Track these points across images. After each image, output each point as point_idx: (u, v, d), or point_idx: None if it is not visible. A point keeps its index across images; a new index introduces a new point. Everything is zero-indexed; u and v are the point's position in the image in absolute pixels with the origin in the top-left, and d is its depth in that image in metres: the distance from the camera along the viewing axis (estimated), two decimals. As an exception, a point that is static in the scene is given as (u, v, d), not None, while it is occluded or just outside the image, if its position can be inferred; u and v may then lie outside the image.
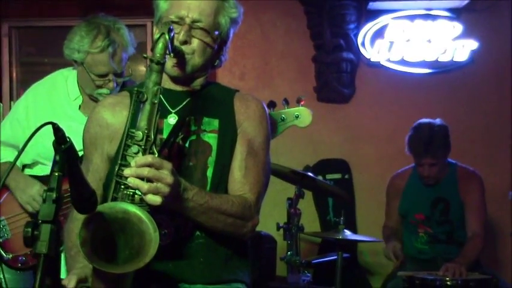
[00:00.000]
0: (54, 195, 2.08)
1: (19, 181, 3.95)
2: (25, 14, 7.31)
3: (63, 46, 4.06)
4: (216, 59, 2.92)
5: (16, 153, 3.98)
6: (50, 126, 2.07)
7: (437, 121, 5.31)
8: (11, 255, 3.95)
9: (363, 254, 6.69)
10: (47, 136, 2.17)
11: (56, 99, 4.04)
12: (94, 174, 2.80)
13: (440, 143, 5.22)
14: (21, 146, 3.87)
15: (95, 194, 2.29)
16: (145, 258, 2.26)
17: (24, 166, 4.07)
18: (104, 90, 3.83)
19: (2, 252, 4.00)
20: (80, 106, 4.05)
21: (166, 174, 2.42)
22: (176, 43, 2.66)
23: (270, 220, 3.17)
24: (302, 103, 3.98)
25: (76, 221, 2.73)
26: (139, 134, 2.47)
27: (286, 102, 4.03)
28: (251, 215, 2.79)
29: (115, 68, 3.84)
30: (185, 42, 2.73)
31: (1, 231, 3.98)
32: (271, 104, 3.92)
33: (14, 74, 7.51)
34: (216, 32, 2.82)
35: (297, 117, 3.96)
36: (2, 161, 4.09)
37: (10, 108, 7.42)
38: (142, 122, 2.48)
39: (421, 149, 5.22)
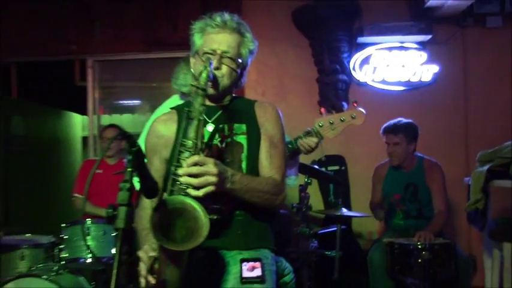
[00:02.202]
0: (128, 185, 2.11)
1: None
2: (103, 51, 7.39)
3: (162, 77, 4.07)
4: (238, 81, 2.93)
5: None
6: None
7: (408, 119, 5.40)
8: None
9: (356, 226, 6.68)
10: None
11: None
12: (155, 174, 2.75)
13: (401, 127, 5.29)
14: None
15: (157, 184, 2.34)
16: (200, 239, 2.29)
17: None
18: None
19: None
20: None
21: (210, 167, 2.44)
22: None
23: (286, 202, 3.19)
24: (355, 105, 3.95)
25: (144, 209, 2.79)
26: (189, 143, 2.49)
27: (353, 102, 4.02)
28: (280, 190, 2.81)
29: None
30: (217, 68, 2.76)
31: None
32: (333, 108, 3.88)
33: (96, 95, 7.57)
34: (239, 60, 2.85)
35: (353, 117, 3.93)
36: None
37: (93, 121, 7.53)
38: (192, 133, 2.50)
39: (387, 128, 5.34)
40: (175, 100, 4.23)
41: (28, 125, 8.70)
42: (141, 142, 4.16)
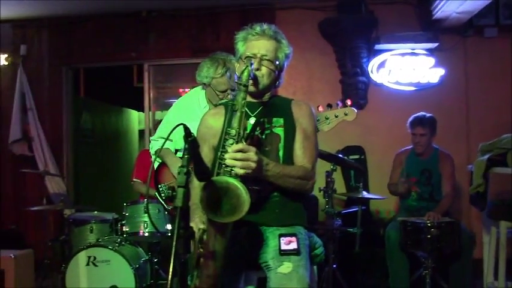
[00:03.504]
0: (185, 169, 2.11)
1: (172, 160, 3.95)
2: (157, 57, 7.42)
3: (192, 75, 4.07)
4: (276, 81, 2.91)
5: (172, 144, 4.02)
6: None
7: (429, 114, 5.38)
8: (170, 207, 3.98)
9: (374, 206, 6.64)
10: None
11: (191, 107, 4.04)
12: (204, 159, 2.76)
13: (427, 121, 5.26)
14: (174, 139, 3.91)
15: (208, 169, 2.33)
16: (241, 213, 2.29)
17: (177, 150, 4.06)
18: (224, 101, 3.81)
19: (165, 205, 4.04)
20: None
21: (252, 155, 2.47)
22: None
23: (314, 185, 3.18)
24: (349, 104, 3.90)
25: (194, 188, 2.75)
26: (233, 131, 2.52)
27: (342, 104, 3.96)
28: (310, 176, 2.80)
29: (231, 86, 3.82)
30: (257, 69, 2.77)
31: (164, 192, 4.00)
32: (330, 105, 3.85)
33: (151, 94, 7.61)
34: (277, 62, 2.84)
35: (346, 114, 3.89)
36: (163, 147, 4.09)
37: (148, 116, 7.57)
38: (235, 123, 2.53)
39: (416, 121, 5.27)
40: (197, 91, 4.25)
41: (94, 120, 8.84)
42: (167, 117, 4.18)
